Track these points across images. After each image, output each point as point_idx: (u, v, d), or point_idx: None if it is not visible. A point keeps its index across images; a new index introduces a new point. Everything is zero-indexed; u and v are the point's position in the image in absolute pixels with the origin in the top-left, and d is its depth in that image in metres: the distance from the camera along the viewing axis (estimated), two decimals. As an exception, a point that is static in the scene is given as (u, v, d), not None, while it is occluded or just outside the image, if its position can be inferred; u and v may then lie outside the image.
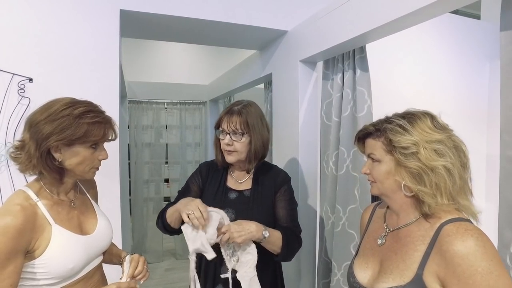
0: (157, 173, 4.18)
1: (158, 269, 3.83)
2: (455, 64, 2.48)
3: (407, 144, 0.80)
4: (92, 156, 0.97)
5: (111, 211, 1.70)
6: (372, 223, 1.01)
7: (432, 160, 0.78)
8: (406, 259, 0.82)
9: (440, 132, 0.82)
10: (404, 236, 0.86)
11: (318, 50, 1.76)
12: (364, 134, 0.92)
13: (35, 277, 0.90)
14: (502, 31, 1.02)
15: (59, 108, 0.91)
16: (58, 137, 0.89)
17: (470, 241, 0.72)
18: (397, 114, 0.89)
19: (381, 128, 0.86)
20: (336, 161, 1.77)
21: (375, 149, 0.88)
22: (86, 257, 0.98)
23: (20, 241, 0.85)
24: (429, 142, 0.80)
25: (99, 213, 1.11)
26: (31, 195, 0.93)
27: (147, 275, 1.08)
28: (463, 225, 0.76)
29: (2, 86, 1.52)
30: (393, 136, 0.83)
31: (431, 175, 0.79)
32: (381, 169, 0.87)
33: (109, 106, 1.68)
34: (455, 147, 0.81)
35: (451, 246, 0.73)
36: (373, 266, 0.91)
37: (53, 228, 0.92)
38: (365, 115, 1.61)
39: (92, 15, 1.68)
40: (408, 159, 0.81)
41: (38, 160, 0.91)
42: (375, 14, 1.37)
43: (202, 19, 1.89)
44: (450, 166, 0.79)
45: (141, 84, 4.14)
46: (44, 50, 1.60)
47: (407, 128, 0.82)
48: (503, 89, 1.03)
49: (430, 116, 0.85)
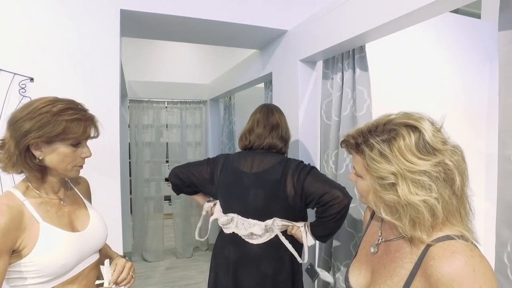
0: (157, 172, 4.18)
1: (159, 268, 3.84)
2: (455, 63, 2.49)
3: (385, 174, 0.72)
4: (73, 154, 0.96)
5: (112, 210, 1.72)
6: (371, 226, 0.98)
7: (411, 194, 0.69)
8: (394, 275, 0.77)
9: (427, 158, 0.70)
10: (394, 250, 0.81)
11: (318, 50, 1.76)
12: (345, 146, 0.85)
13: (23, 276, 0.89)
14: (500, 31, 1.03)
15: (38, 105, 0.91)
16: (36, 134, 0.89)
17: (456, 266, 0.65)
18: (379, 128, 0.76)
19: (360, 145, 0.77)
20: (336, 160, 1.78)
21: (356, 163, 0.81)
22: (79, 253, 0.97)
23: (5, 240, 0.84)
24: (411, 172, 0.69)
25: (91, 211, 1.10)
26: (17, 194, 0.92)
27: (132, 282, 1.06)
28: (452, 247, 0.68)
29: (4, 86, 1.53)
30: (370, 162, 0.74)
31: (409, 210, 0.70)
32: (363, 184, 0.81)
33: (110, 105, 1.72)
34: (445, 174, 0.70)
35: (435, 271, 0.67)
36: (365, 274, 0.88)
37: (41, 226, 0.92)
38: (365, 114, 1.62)
39: (92, 15, 1.68)
40: (385, 189, 0.72)
41: (18, 158, 0.90)
42: (375, 14, 1.37)
43: (202, 19, 1.89)
44: (433, 201, 0.69)
45: (142, 83, 4.15)
46: (45, 50, 1.61)
47: (385, 153, 0.72)
48: (501, 89, 1.04)
49: (418, 133, 0.72)
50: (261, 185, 1.47)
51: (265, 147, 1.54)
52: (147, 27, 2.04)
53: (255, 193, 1.48)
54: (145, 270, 3.72)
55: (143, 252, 4.07)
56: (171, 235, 4.41)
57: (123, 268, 1.04)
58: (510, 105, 1.02)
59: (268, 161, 1.51)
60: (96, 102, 1.55)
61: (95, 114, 1.00)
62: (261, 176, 1.48)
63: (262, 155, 1.53)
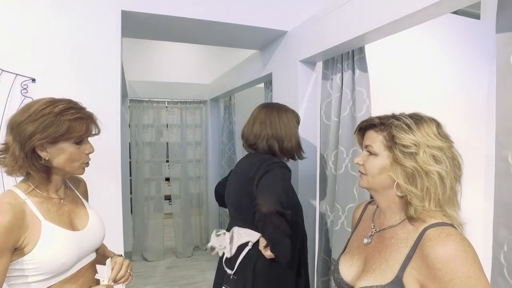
0: (157, 172, 4.19)
1: (159, 267, 3.85)
2: (455, 64, 2.49)
3: (409, 143, 0.81)
4: (78, 151, 0.98)
5: (113, 210, 1.73)
6: (362, 222, 1.02)
7: (428, 164, 0.79)
8: (389, 260, 0.83)
9: (442, 140, 0.82)
10: (389, 237, 0.87)
11: (317, 51, 1.77)
12: (367, 125, 0.92)
13: (25, 273, 0.90)
14: (498, 33, 1.04)
15: (38, 107, 0.92)
16: (41, 135, 0.90)
17: (451, 246, 0.73)
18: (404, 114, 0.89)
19: (387, 122, 0.86)
20: (335, 160, 1.79)
21: (374, 141, 0.88)
22: (78, 252, 0.99)
23: (8, 239, 0.85)
24: (430, 147, 0.80)
25: (90, 210, 1.11)
26: (19, 193, 0.94)
27: (129, 279, 1.08)
28: (446, 230, 0.76)
29: (5, 86, 1.54)
30: (397, 132, 0.83)
31: (424, 179, 0.79)
32: (376, 162, 0.87)
33: (110, 105, 1.73)
34: (453, 158, 0.82)
35: (432, 251, 0.74)
36: (358, 264, 0.92)
37: (43, 224, 0.93)
38: (364, 115, 1.63)
39: (94, 16, 1.69)
40: (406, 158, 0.81)
41: (24, 161, 0.91)
42: (374, 15, 1.38)
43: (202, 20, 1.90)
44: (444, 174, 0.79)
45: (142, 83, 4.15)
46: (47, 50, 1.62)
47: (413, 128, 0.82)
48: (498, 90, 1.05)
49: (436, 123, 0.85)
50: (237, 181, 1.55)
51: (252, 147, 1.55)
52: (148, 27, 2.04)
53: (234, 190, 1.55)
54: (145, 270, 3.73)
55: (143, 252, 4.08)
56: (171, 234, 4.42)
57: (121, 266, 1.06)
58: (507, 107, 1.03)
59: (250, 160, 1.52)
60: (97, 102, 1.56)
61: (96, 113, 1.02)
62: (239, 174, 1.55)
63: (250, 155, 1.56)
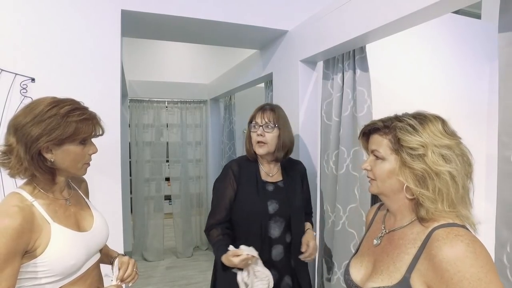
0: (157, 172, 4.19)
1: (159, 267, 3.85)
2: (455, 64, 2.49)
3: (415, 145, 0.79)
4: (82, 152, 0.98)
5: (112, 210, 1.72)
6: (374, 224, 1.01)
7: (438, 164, 0.76)
8: (397, 261, 0.81)
9: (450, 138, 0.80)
10: (398, 238, 0.85)
11: (318, 50, 1.77)
12: (371, 129, 0.89)
13: (37, 276, 0.90)
14: (500, 33, 1.03)
15: (44, 108, 0.91)
16: (48, 137, 0.89)
17: (460, 247, 0.70)
18: (407, 114, 0.86)
19: (390, 125, 0.84)
20: (336, 160, 1.78)
21: (380, 146, 0.86)
22: (86, 253, 0.99)
23: (19, 242, 0.84)
24: (438, 146, 0.78)
25: (94, 210, 1.12)
26: (26, 196, 0.93)
27: (136, 278, 1.11)
28: (455, 230, 0.74)
29: (5, 86, 1.54)
30: (402, 135, 0.81)
31: (436, 180, 0.77)
32: (384, 167, 0.84)
33: (110, 104, 1.72)
34: (462, 155, 0.79)
35: (440, 251, 0.71)
36: (367, 265, 0.91)
37: (52, 227, 0.93)
38: (365, 115, 1.62)
39: (93, 16, 1.69)
40: (414, 160, 0.79)
41: (30, 163, 0.90)
42: (376, 15, 1.38)
43: (202, 19, 1.89)
44: (456, 173, 0.77)
45: (142, 83, 4.15)
46: (46, 50, 1.61)
47: (418, 128, 0.80)
48: (501, 90, 1.04)
49: (441, 121, 0.83)
50: None
51: None
52: (148, 27, 2.04)
53: None
54: (145, 270, 3.73)
55: (143, 252, 4.07)
56: (171, 234, 4.42)
57: (127, 266, 1.07)
58: (509, 106, 1.02)
59: None
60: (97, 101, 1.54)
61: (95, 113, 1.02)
62: None
63: None
